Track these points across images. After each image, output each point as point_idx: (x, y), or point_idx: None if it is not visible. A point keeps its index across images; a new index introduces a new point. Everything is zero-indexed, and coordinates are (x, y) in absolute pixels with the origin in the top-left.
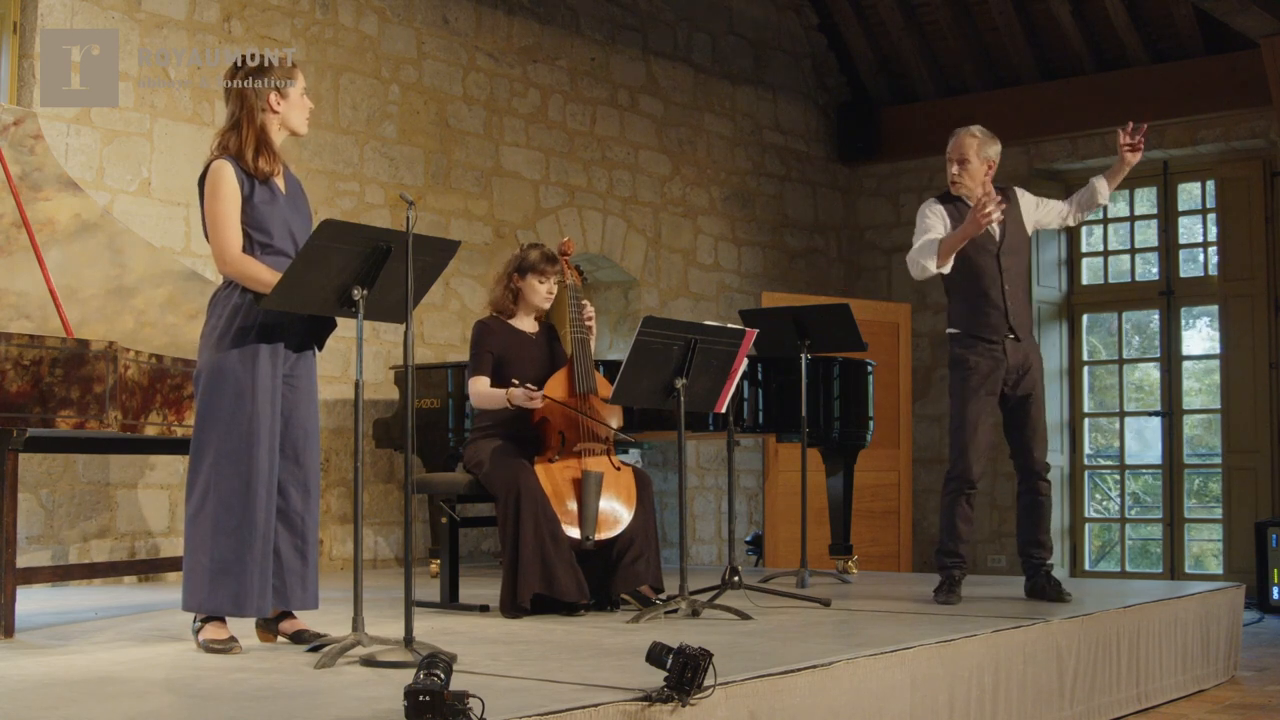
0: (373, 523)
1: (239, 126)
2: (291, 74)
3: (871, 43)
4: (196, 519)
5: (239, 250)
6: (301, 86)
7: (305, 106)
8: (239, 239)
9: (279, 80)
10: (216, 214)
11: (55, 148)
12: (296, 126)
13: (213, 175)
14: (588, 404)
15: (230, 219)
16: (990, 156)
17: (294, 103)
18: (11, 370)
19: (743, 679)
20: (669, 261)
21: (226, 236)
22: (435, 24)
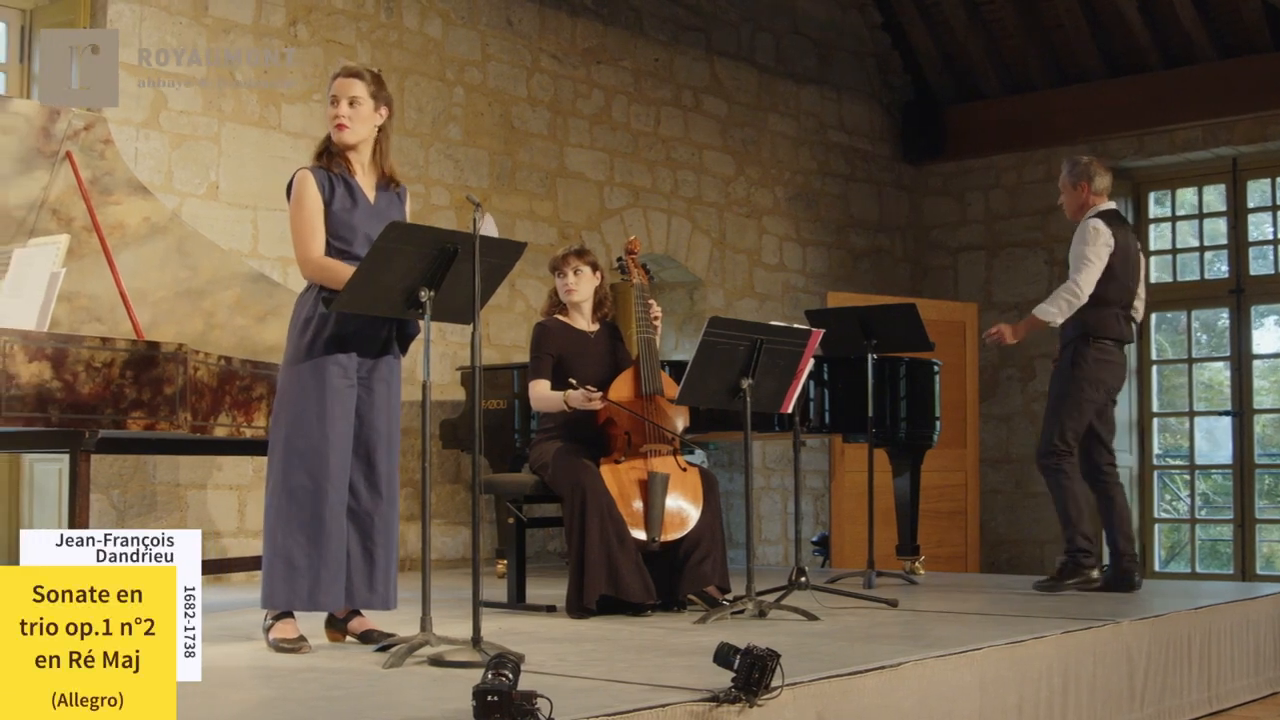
0: (439, 523)
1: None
2: (330, 85)
3: (936, 41)
4: (269, 517)
5: (315, 253)
6: (329, 95)
7: (329, 116)
8: (315, 243)
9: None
10: (293, 220)
11: (125, 152)
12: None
13: (293, 184)
14: (653, 405)
15: (305, 224)
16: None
17: (330, 112)
18: (83, 372)
19: (810, 680)
20: (734, 262)
21: (302, 240)
22: (499, 26)
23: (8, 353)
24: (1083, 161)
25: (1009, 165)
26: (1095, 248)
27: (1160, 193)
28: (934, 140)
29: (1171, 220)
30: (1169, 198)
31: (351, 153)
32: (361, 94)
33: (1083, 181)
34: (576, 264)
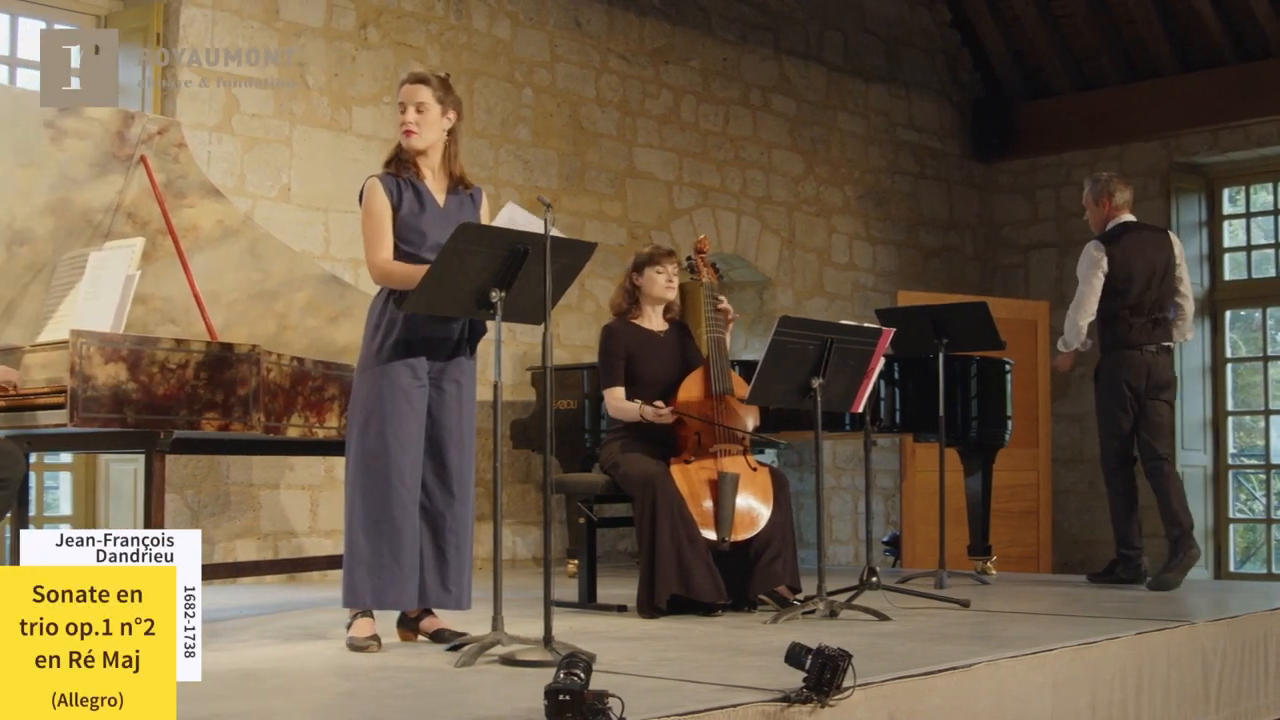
0: (510, 523)
1: None
2: (398, 91)
3: (1006, 37)
4: (345, 515)
5: (382, 258)
6: (398, 101)
7: (399, 122)
8: (383, 249)
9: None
10: (362, 227)
11: (198, 155)
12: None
13: (363, 192)
14: (724, 404)
15: (374, 232)
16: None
17: (398, 119)
18: (158, 373)
19: (882, 680)
20: (803, 261)
21: (370, 247)
22: (567, 27)
23: (85, 354)
24: (1103, 178)
25: (1080, 162)
26: (1084, 272)
27: (1234, 189)
28: (1004, 137)
29: (1246, 217)
30: (1243, 194)
31: (420, 158)
32: (428, 99)
33: (1104, 197)
34: (672, 263)
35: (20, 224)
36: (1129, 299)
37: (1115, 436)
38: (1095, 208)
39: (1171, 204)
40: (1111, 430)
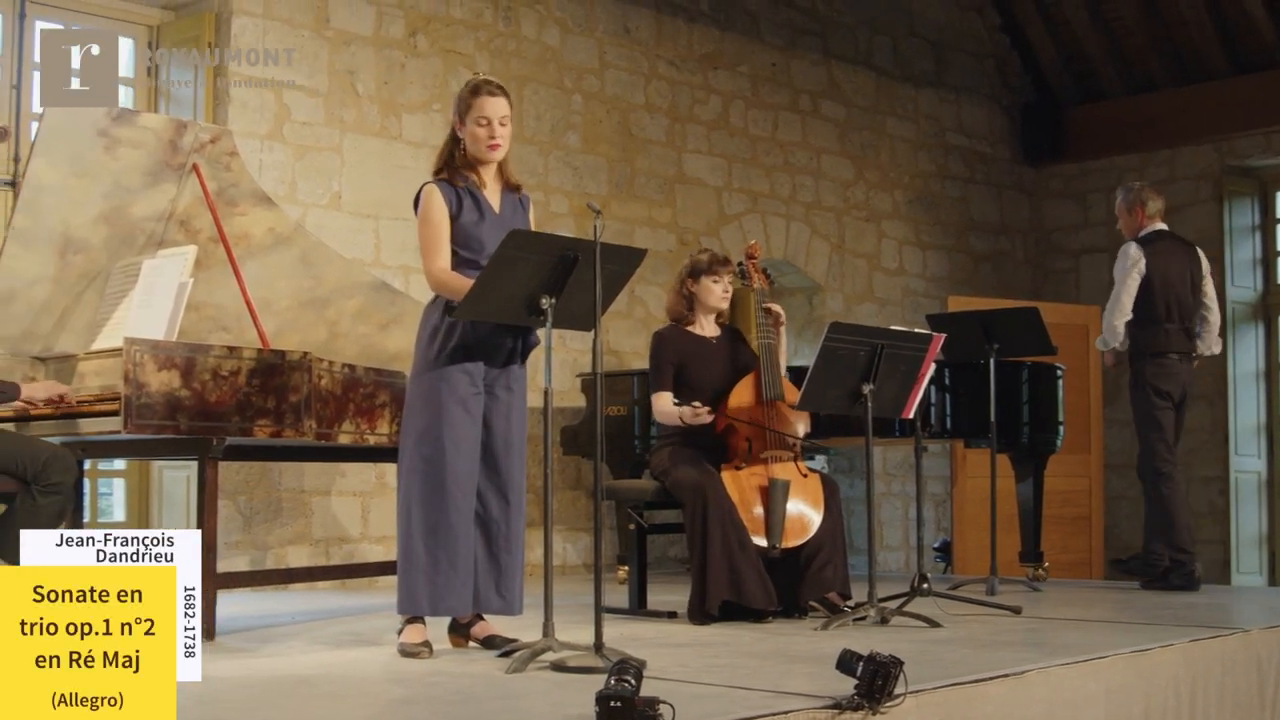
0: (560, 529)
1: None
2: (469, 101)
3: (1056, 41)
4: (400, 522)
5: (439, 266)
6: (478, 114)
7: (479, 137)
8: (440, 257)
9: (461, 106)
10: (420, 235)
11: (249, 163)
12: (472, 154)
13: (420, 198)
14: (774, 410)
15: (430, 239)
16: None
17: (469, 131)
18: (211, 381)
19: (934, 687)
20: (853, 266)
21: (427, 254)
22: (616, 33)
23: (138, 362)
24: (1135, 188)
25: (1131, 166)
26: (1121, 272)
27: None
28: (1055, 142)
29: None
30: None
31: (484, 166)
32: (508, 112)
33: (1136, 206)
34: (728, 272)
35: (75, 232)
36: (1164, 304)
37: (1162, 441)
38: (1128, 216)
39: (1224, 208)
40: (1158, 435)
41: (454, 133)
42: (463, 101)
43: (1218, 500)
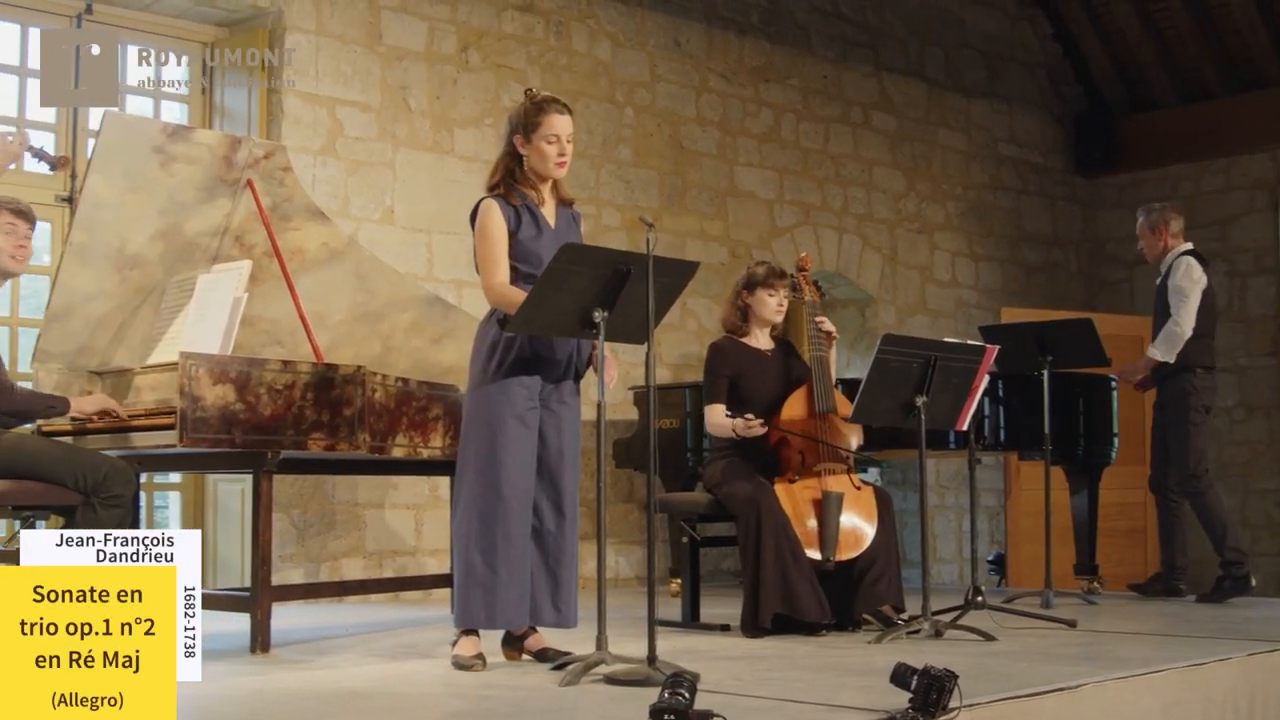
0: (613, 542)
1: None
2: (536, 118)
3: (1108, 50)
4: (458, 535)
5: (497, 281)
6: (548, 132)
7: (547, 154)
8: (499, 272)
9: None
10: (478, 250)
11: (303, 179)
12: (539, 169)
13: (478, 213)
14: (827, 423)
15: (490, 254)
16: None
17: (535, 147)
18: (265, 394)
19: (988, 701)
20: (905, 278)
21: (486, 269)
22: (667, 47)
23: (194, 376)
24: (1157, 208)
25: (1185, 175)
26: (1191, 284)
27: None
28: (1108, 152)
29: None
30: None
31: (543, 182)
32: (573, 129)
33: (1160, 226)
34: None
35: (131, 248)
36: (1211, 319)
37: (1203, 452)
38: (1151, 236)
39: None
40: (1200, 445)
41: (514, 148)
42: (528, 117)
43: (1274, 512)
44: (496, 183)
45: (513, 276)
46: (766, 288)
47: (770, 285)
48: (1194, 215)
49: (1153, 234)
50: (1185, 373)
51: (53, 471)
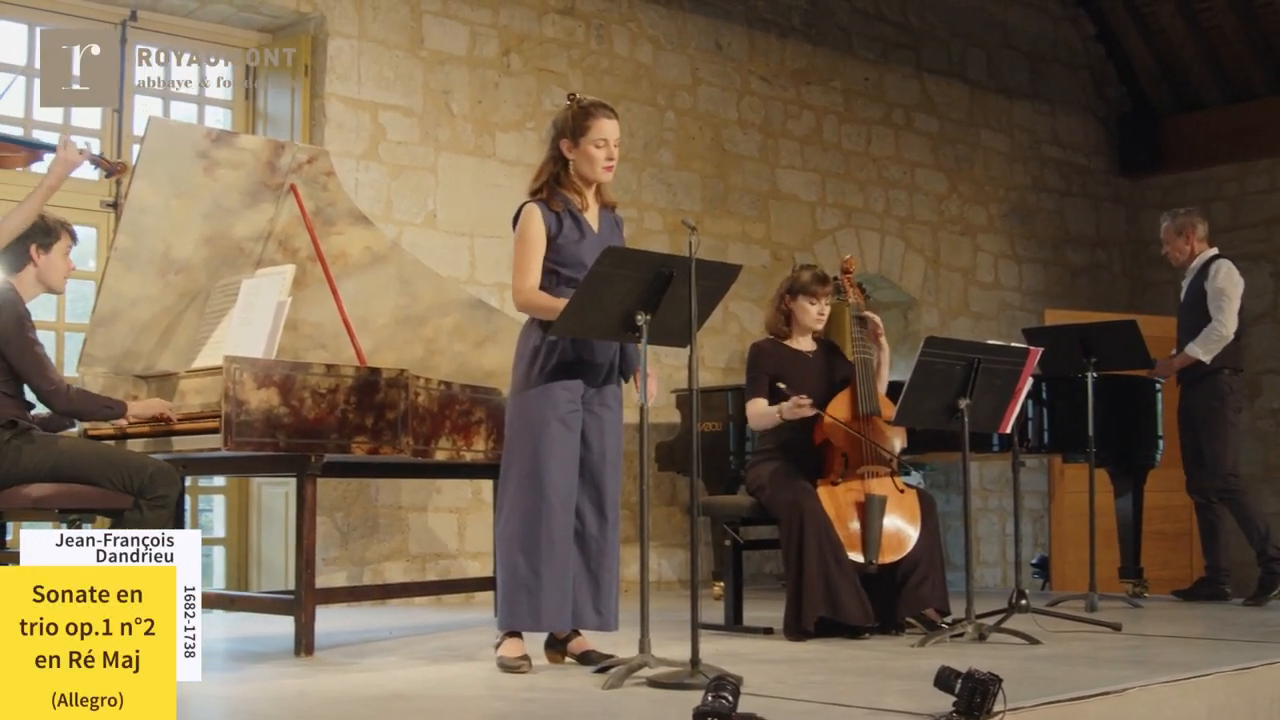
0: (655, 545)
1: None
2: (585, 123)
3: (1152, 51)
4: (502, 538)
5: (526, 286)
6: (597, 136)
7: (595, 158)
8: (529, 277)
9: (574, 126)
10: (515, 254)
11: (346, 183)
12: (586, 174)
13: (519, 217)
14: (871, 425)
15: (524, 259)
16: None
17: (583, 152)
18: (309, 398)
19: (1033, 705)
20: (948, 280)
21: (518, 273)
22: (708, 49)
23: (238, 380)
24: (1183, 212)
25: (1230, 176)
26: (1232, 286)
27: None
28: (1152, 153)
29: None
30: None
31: (588, 186)
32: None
33: (1188, 230)
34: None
35: (176, 253)
36: (1243, 322)
37: (1237, 452)
38: (1179, 240)
39: None
40: (1236, 445)
41: (560, 152)
42: (575, 121)
43: None
44: (539, 187)
45: (554, 280)
46: (808, 295)
47: (812, 293)
48: (1238, 216)
49: (1180, 238)
50: (1218, 374)
51: (99, 474)
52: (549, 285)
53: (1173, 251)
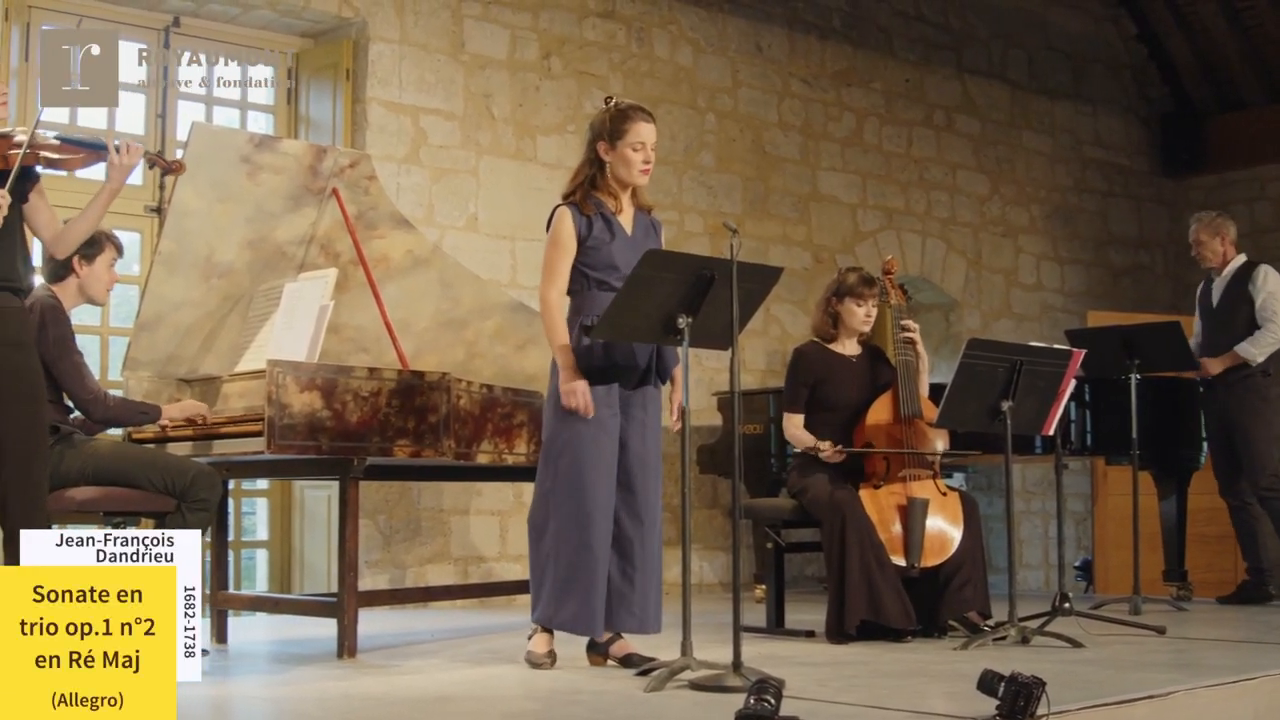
0: (697, 548)
1: (579, 168)
2: (623, 126)
3: (1194, 50)
4: (540, 541)
5: (552, 293)
6: (635, 139)
7: (633, 161)
8: (555, 283)
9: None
10: (546, 255)
11: (387, 187)
12: (622, 177)
13: (552, 219)
14: (912, 428)
15: (551, 263)
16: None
17: (620, 154)
18: (352, 402)
19: (1077, 709)
20: (990, 282)
21: (544, 278)
22: (749, 52)
23: (281, 384)
24: (1214, 215)
25: (1274, 176)
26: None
27: None
28: (1194, 153)
29: None
30: None
31: (624, 189)
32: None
33: (1223, 232)
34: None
35: (219, 257)
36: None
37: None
38: (1214, 242)
39: None
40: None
41: (596, 155)
42: (613, 124)
43: None
44: (572, 190)
45: (584, 283)
46: (855, 297)
47: (860, 295)
48: None
49: (1216, 239)
50: (1256, 377)
51: (141, 477)
52: (580, 288)
53: (1206, 253)
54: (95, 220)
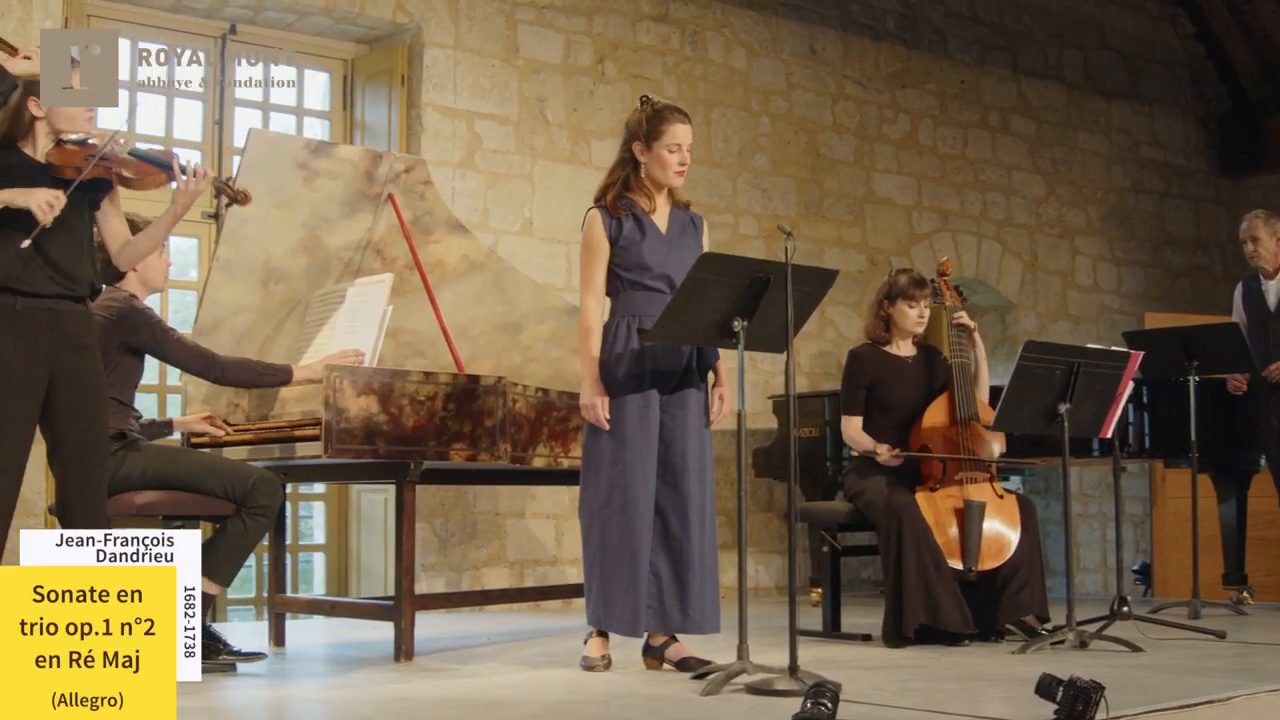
0: (753, 551)
1: (613, 169)
2: (659, 127)
3: (1252, 49)
4: (587, 543)
5: (588, 302)
6: (671, 140)
7: (669, 162)
8: (591, 291)
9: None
10: (581, 261)
11: (443, 192)
12: (657, 177)
13: (585, 222)
14: (969, 430)
15: (586, 269)
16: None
17: (655, 155)
18: (408, 406)
19: (1136, 713)
20: (1046, 284)
21: (582, 286)
22: (803, 54)
23: (338, 388)
24: (1267, 212)
25: None
26: None
27: None
28: (1253, 152)
29: None
30: None
31: (658, 189)
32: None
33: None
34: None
35: (276, 262)
36: None
37: None
38: (1269, 241)
39: None
40: None
41: (631, 155)
42: (649, 125)
43: None
44: (603, 192)
45: (618, 285)
46: (907, 299)
47: (911, 297)
48: None
49: (1274, 239)
50: None
51: (201, 482)
52: (615, 289)
53: (1262, 251)
54: (158, 241)
